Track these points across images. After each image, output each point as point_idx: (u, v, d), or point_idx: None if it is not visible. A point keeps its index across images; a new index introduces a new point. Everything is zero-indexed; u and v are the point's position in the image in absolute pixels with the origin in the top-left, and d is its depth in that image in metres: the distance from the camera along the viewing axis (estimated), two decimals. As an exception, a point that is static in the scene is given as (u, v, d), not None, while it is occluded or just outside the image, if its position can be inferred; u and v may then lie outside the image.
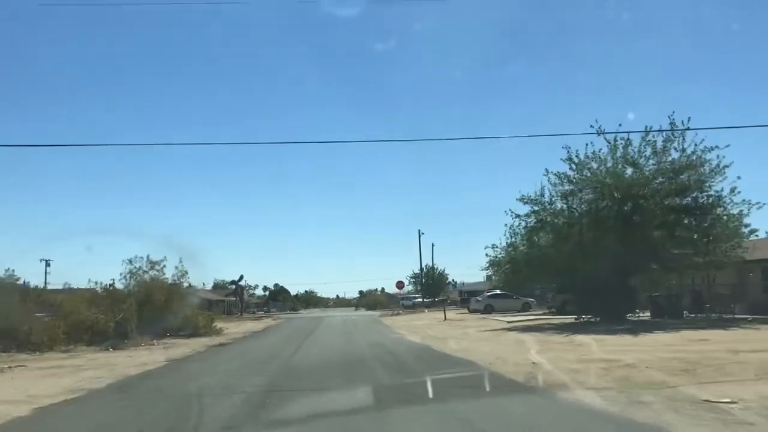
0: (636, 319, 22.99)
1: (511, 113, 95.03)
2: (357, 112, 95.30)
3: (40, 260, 53.67)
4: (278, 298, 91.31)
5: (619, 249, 21.90)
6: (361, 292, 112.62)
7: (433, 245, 67.84)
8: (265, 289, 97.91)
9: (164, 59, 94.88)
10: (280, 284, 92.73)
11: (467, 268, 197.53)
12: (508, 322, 25.68)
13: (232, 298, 68.52)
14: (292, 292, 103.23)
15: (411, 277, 68.96)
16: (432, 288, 66.48)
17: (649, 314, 24.01)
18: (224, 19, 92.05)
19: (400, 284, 52.53)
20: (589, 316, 22.76)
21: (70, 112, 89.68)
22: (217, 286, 77.06)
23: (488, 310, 37.24)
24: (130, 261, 26.06)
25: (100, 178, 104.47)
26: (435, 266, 67.02)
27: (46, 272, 53.35)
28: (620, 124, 21.71)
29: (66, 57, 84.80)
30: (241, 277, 68.07)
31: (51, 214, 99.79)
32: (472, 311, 39.42)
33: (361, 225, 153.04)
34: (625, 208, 21.83)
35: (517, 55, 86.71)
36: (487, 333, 20.57)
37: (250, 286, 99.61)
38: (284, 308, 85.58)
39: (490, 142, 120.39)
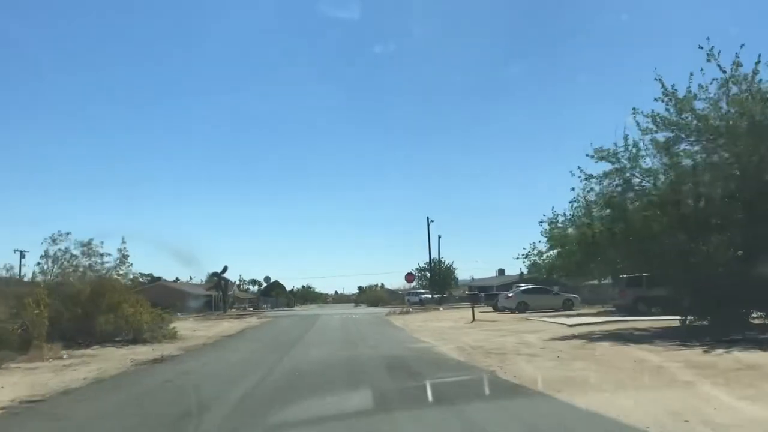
0: (762, 322, 16.23)
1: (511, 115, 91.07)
2: (356, 110, 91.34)
3: (14, 251, 48.87)
4: (271, 293, 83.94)
5: (744, 222, 15.17)
6: (360, 288, 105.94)
7: (439, 237, 61.30)
8: (254, 282, 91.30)
9: (164, 60, 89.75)
10: (273, 278, 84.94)
11: (472, 263, 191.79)
12: (569, 325, 18.76)
13: (216, 293, 61.38)
14: (288, 287, 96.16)
15: (417, 270, 61.97)
16: (439, 283, 59.52)
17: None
18: (224, 20, 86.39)
19: (410, 277, 45.27)
20: (694, 318, 15.98)
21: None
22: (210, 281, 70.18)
23: (521, 308, 30.13)
24: (54, 240, 19.28)
25: (99, 174, 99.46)
26: (442, 259, 60.15)
27: (20, 264, 48.85)
28: (736, 55, 14.37)
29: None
30: (225, 269, 59.98)
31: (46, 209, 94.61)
32: (500, 310, 32.21)
33: (359, 220, 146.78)
34: (755, 162, 14.99)
35: (515, 57, 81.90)
36: (559, 343, 13.75)
37: (244, 280, 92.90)
38: (278, 304, 78.42)
39: (490, 142, 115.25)
